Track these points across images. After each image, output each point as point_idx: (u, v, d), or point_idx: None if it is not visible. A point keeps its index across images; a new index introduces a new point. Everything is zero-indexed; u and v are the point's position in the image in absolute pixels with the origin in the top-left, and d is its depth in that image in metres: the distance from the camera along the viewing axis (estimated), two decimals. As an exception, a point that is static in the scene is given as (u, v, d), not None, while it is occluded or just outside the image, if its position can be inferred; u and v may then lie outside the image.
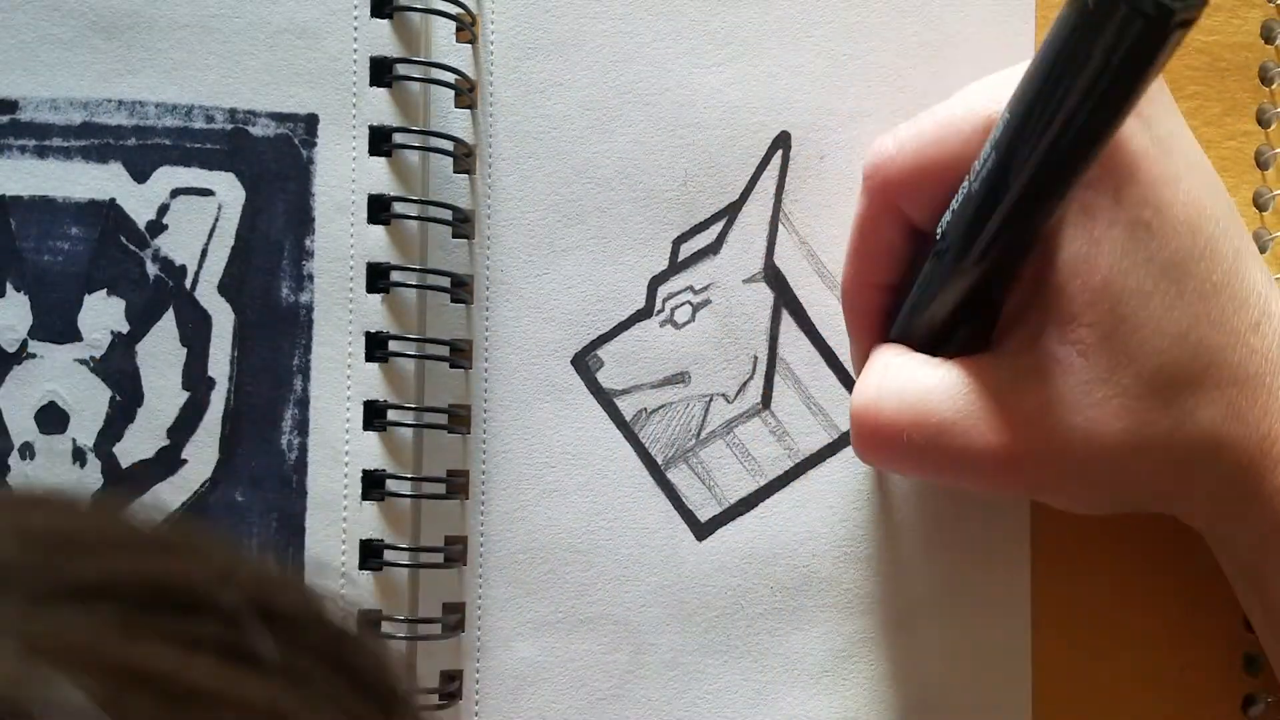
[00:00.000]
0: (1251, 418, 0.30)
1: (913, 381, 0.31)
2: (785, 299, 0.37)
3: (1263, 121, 0.38)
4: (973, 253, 0.29)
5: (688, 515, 0.37)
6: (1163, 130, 0.30)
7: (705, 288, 0.37)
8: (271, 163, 0.37)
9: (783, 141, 0.37)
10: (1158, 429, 0.29)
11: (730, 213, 0.37)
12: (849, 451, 0.37)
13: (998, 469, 0.30)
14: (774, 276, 0.37)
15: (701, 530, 0.37)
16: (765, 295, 0.37)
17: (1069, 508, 0.33)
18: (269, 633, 0.16)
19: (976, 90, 0.31)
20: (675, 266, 0.37)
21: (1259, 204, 0.38)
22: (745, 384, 0.37)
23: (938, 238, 0.31)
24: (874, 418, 0.31)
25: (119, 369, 0.36)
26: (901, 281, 0.34)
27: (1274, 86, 0.38)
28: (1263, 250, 0.38)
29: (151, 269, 0.36)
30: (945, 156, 0.30)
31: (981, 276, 0.30)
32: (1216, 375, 0.29)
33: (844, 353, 0.37)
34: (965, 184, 0.29)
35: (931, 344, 0.33)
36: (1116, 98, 0.25)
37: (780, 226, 0.37)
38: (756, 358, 0.37)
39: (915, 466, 0.33)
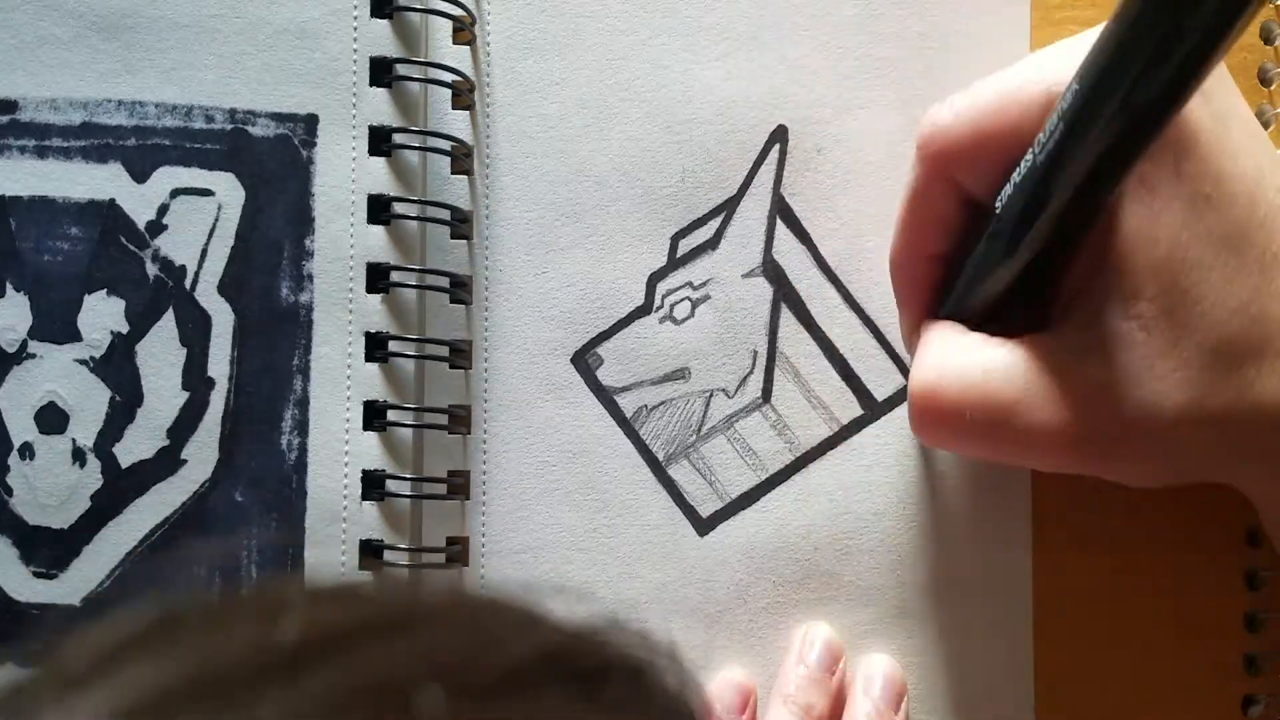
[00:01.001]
0: None
1: (973, 362, 0.31)
2: (784, 293, 0.37)
3: (1263, 122, 0.38)
4: (1036, 227, 0.29)
5: (689, 511, 0.37)
6: (1221, 104, 0.30)
7: (704, 283, 0.38)
8: (271, 163, 0.37)
9: (780, 136, 0.37)
10: (1220, 400, 0.29)
11: (728, 208, 0.37)
12: (850, 445, 0.37)
13: (1063, 447, 0.30)
14: (773, 271, 0.37)
15: (703, 526, 0.37)
16: (764, 290, 0.37)
17: (1130, 482, 0.32)
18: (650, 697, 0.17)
19: (1037, 59, 0.31)
20: (674, 263, 0.38)
21: (1257, 202, 0.38)
22: (745, 379, 0.37)
23: (995, 211, 0.30)
24: (935, 399, 0.31)
25: (119, 369, 0.36)
26: (953, 252, 0.33)
27: (1273, 87, 0.38)
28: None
29: (151, 269, 0.36)
30: (1004, 126, 0.30)
31: (1042, 252, 0.30)
32: (1278, 344, 0.29)
33: (843, 345, 0.37)
34: (1029, 156, 0.28)
35: (987, 321, 0.32)
36: (1194, 63, 0.24)
37: (778, 220, 0.37)
38: (756, 352, 0.37)
39: (977, 447, 0.33)
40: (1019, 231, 0.30)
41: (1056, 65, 0.29)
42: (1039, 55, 0.31)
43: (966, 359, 0.31)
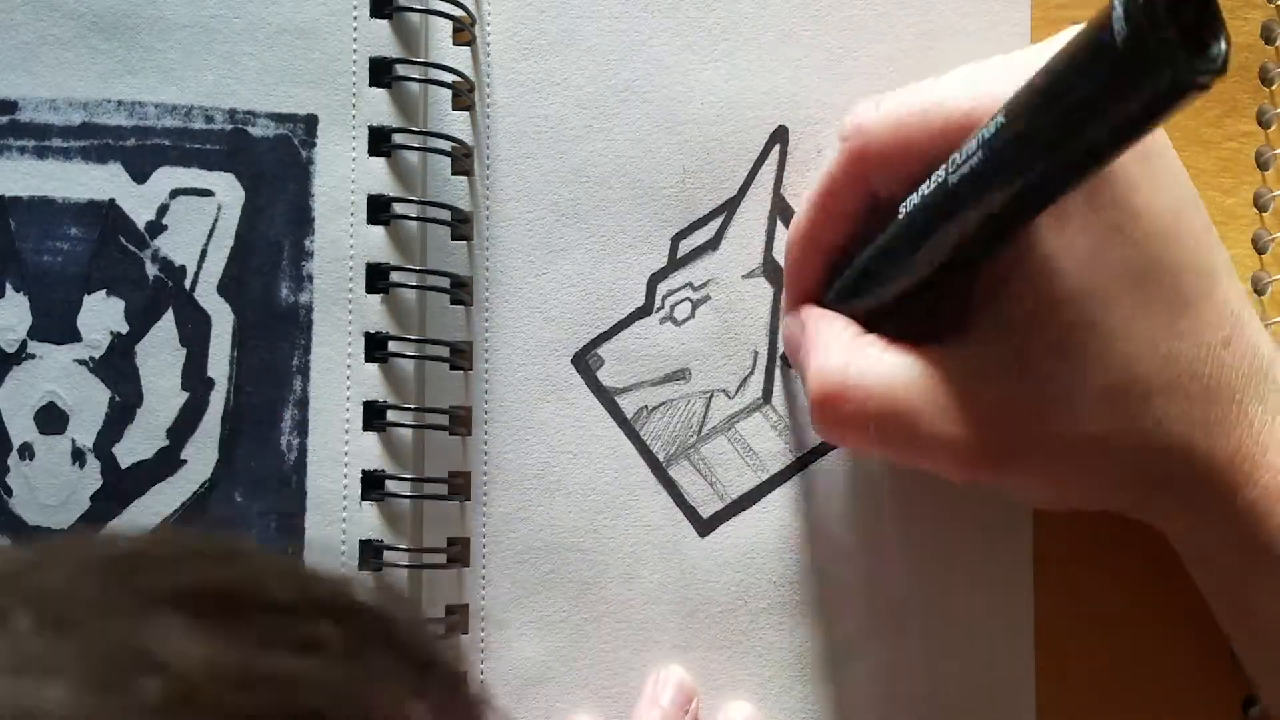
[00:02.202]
0: (1222, 431, 0.30)
1: (878, 371, 0.30)
2: (785, 293, 0.37)
3: (1263, 122, 0.38)
4: (936, 245, 0.29)
5: (690, 512, 0.37)
6: (1145, 140, 0.30)
7: (705, 284, 0.37)
8: (271, 163, 0.37)
9: (780, 136, 0.37)
10: (1125, 435, 0.29)
11: (729, 208, 0.37)
12: (851, 445, 0.37)
13: (963, 461, 0.30)
14: (773, 271, 0.37)
15: (704, 526, 0.37)
16: (765, 290, 0.37)
17: (1033, 502, 0.32)
18: (329, 622, 0.18)
19: (969, 74, 0.31)
20: (674, 263, 0.37)
21: (1259, 205, 0.38)
22: (746, 379, 0.37)
23: (899, 217, 0.30)
24: (839, 405, 0.31)
25: (118, 369, 0.36)
26: (851, 244, 0.33)
27: (1274, 87, 0.38)
28: (1262, 251, 0.38)
29: (151, 269, 0.36)
30: (925, 136, 0.30)
31: (941, 266, 0.30)
32: (1187, 387, 0.29)
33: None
34: (942, 172, 0.28)
35: (880, 318, 0.32)
36: (1119, 138, 0.24)
37: (779, 221, 0.37)
38: (757, 353, 0.37)
39: (879, 452, 0.33)
40: (918, 244, 0.30)
41: (986, 83, 0.29)
42: (972, 69, 0.31)
43: (870, 367, 0.31)
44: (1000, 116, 0.26)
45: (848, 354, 0.31)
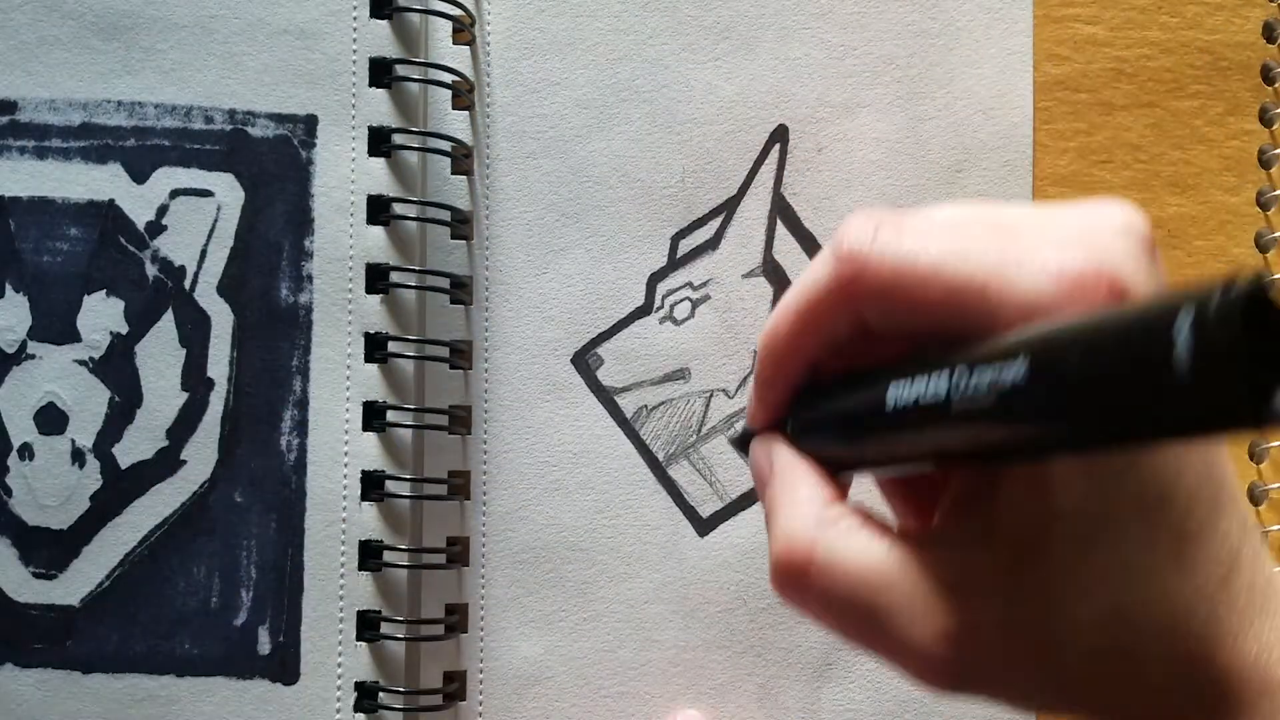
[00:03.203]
0: (1212, 676, 0.29)
1: (848, 554, 0.28)
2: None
3: (1265, 120, 0.38)
4: (930, 450, 0.26)
5: (689, 511, 0.37)
6: None
7: (704, 283, 0.37)
8: (271, 164, 0.37)
9: (780, 135, 0.37)
10: (1110, 678, 0.28)
11: (729, 208, 0.37)
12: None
13: (929, 674, 0.28)
14: (773, 271, 0.37)
15: (704, 526, 0.37)
16: (765, 290, 0.37)
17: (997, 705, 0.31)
18: None
19: (974, 238, 0.26)
20: (674, 263, 0.37)
21: (1262, 203, 0.38)
22: (746, 379, 0.37)
23: (886, 409, 0.26)
24: (802, 580, 0.28)
25: (118, 370, 0.36)
26: (829, 360, 0.30)
27: (1276, 85, 0.38)
28: (1265, 249, 0.38)
29: (151, 270, 0.36)
30: (923, 297, 0.26)
31: (924, 465, 0.27)
32: (1179, 628, 0.28)
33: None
34: (943, 387, 0.24)
35: (847, 463, 0.29)
36: (1156, 442, 0.22)
37: (779, 221, 0.37)
38: (756, 352, 0.37)
39: (838, 634, 0.30)
40: (902, 440, 0.26)
41: (1000, 262, 0.25)
42: (983, 232, 0.26)
43: (840, 549, 0.28)
44: (1022, 365, 0.22)
45: (816, 524, 0.29)
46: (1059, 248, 0.24)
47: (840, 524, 0.29)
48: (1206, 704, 0.29)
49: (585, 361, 0.37)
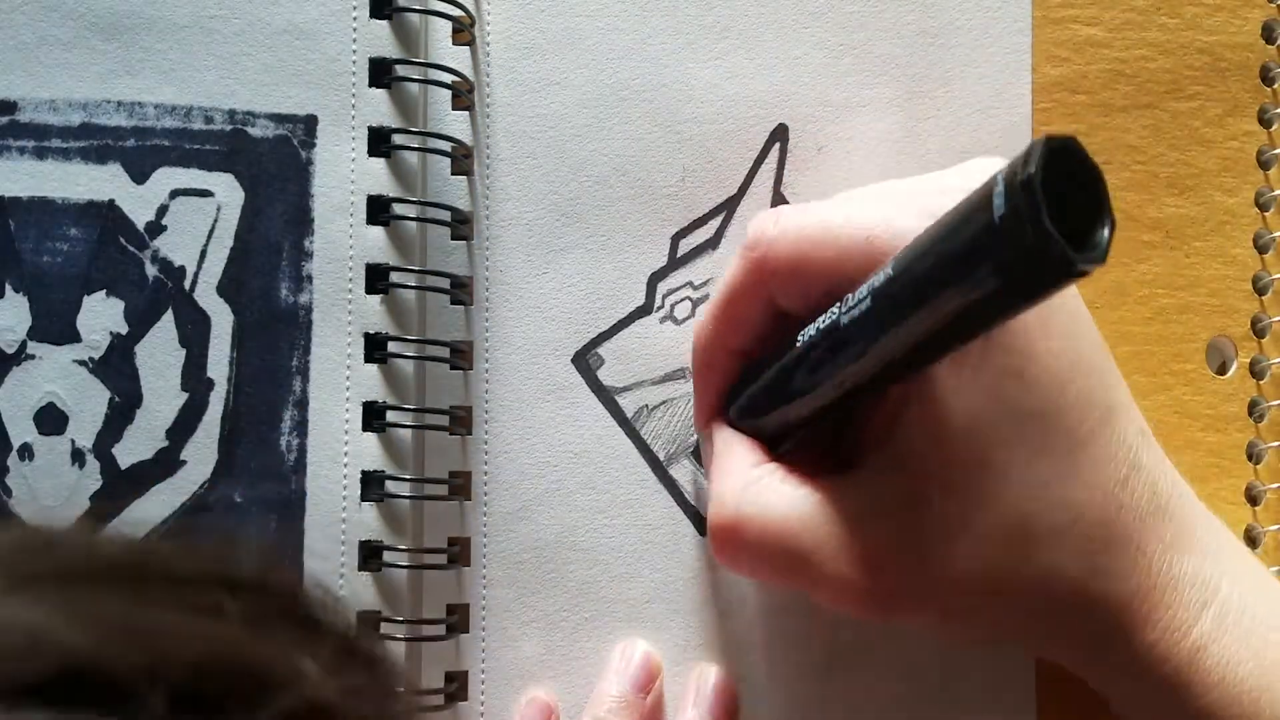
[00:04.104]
0: (1119, 575, 0.29)
1: (774, 504, 0.30)
2: (785, 292, 0.37)
3: (1264, 121, 0.38)
4: (834, 379, 0.29)
5: (690, 511, 0.37)
6: None
7: (705, 283, 0.37)
8: (270, 164, 0.37)
9: (780, 134, 0.37)
10: (1018, 578, 0.29)
11: (729, 207, 0.37)
12: (851, 444, 0.37)
13: (855, 601, 0.29)
14: (773, 270, 0.37)
15: (704, 525, 0.37)
16: (765, 289, 0.37)
17: (928, 634, 0.32)
18: (226, 593, 0.19)
19: (865, 202, 0.30)
20: (674, 262, 0.37)
21: (1261, 204, 0.38)
22: (746, 378, 0.37)
23: (797, 345, 0.30)
24: (736, 537, 0.31)
25: (118, 370, 0.36)
26: (755, 351, 0.33)
27: (1275, 86, 0.38)
28: (1263, 251, 0.38)
29: (150, 270, 0.36)
30: (820, 260, 0.30)
31: (835, 400, 0.29)
32: (1081, 531, 0.29)
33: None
34: (835, 311, 0.28)
35: (783, 434, 0.32)
36: (1000, 312, 0.24)
37: (779, 220, 0.37)
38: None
39: (774, 581, 0.33)
40: (813, 375, 0.29)
41: (887, 210, 0.29)
42: (877, 191, 0.31)
43: (765, 499, 0.30)
44: (889, 268, 0.25)
45: (744, 484, 0.31)
46: (939, 194, 0.27)
47: (763, 480, 0.31)
48: (1111, 603, 0.30)
49: (586, 361, 0.37)
